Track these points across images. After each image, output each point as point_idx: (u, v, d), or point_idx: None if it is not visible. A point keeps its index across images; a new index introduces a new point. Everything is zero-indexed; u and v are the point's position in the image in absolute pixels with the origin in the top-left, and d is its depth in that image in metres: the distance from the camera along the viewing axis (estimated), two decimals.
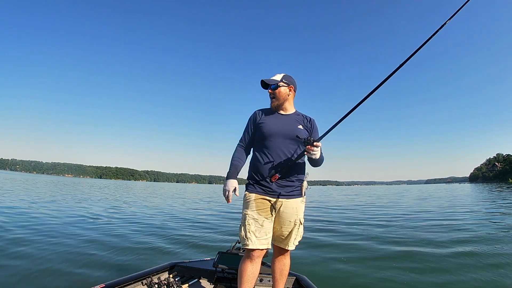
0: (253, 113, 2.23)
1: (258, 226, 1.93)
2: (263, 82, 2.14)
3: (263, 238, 1.94)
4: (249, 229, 1.92)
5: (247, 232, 1.92)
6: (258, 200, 1.98)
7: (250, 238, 1.91)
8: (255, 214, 1.95)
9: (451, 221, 8.29)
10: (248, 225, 1.93)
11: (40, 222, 6.87)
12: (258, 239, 1.92)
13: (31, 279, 3.30)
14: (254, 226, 1.92)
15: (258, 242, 1.92)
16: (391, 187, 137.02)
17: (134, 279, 2.35)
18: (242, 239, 1.95)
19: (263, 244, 1.94)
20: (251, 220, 1.94)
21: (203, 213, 10.82)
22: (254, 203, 1.97)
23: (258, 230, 1.93)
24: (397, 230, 6.97)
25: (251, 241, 1.91)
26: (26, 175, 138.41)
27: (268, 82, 2.13)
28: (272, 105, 2.18)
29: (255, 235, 1.91)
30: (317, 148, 1.92)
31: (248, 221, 1.93)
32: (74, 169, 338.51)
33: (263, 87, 2.17)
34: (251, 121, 2.20)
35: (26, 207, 9.59)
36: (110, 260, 4.16)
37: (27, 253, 4.26)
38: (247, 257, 1.96)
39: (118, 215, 9.13)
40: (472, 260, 4.30)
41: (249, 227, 1.92)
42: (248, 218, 1.94)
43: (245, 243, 1.92)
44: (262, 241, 1.93)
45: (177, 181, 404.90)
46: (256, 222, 1.94)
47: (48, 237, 5.39)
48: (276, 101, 2.15)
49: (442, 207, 13.02)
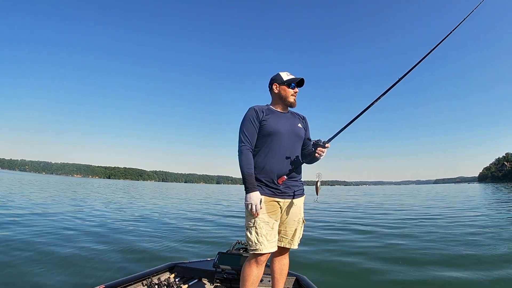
0: (252, 109, 2.04)
1: (269, 230, 1.87)
2: (302, 81, 2.10)
3: (273, 241, 1.90)
4: (261, 232, 1.84)
5: (259, 236, 1.84)
6: (268, 202, 1.91)
7: (262, 242, 1.83)
8: (266, 217, 1.88)
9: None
10: (259, 228, 1.85)
11: (37, 223, 6.88)
12: (270, 243, 1.86)
13: (31, 279, 3.30)
14: (266, 230, 1.86)
15: (270, 245, 1.86)
16: (401, 187, 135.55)
17: (134, 279, 2.35)
18: (253, 243, 1.85)
19: (273, 248, 1.89)
20: (262, 223, 1.86)
21: (203, 213, 10.82)
22: (264, 206, 1.89)
23: (270, 234, 1.87)
24: (407, 234, 6.87)
25: (264, 246, 1.83)
26: (36, 175, 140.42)
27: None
28: (293, 103, 2.10)
29: (267, 239, 1.85)
30: (326, 150, 1.91)
31: (260, 225, 1.85)
32: (83, 169, 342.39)
33: (298, 85, 2.11)
34: (253, 118, 2.00)
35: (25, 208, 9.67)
36: (110, 260, 4.15)
37: (29, 253, 4.28)
38: (254, 261, 1.89)
39: (117, 215, 9.15)
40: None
41: (260, 231, 1.85)
42: (259, 221, 1.86)
43: (257, 247, 1.83)
44: (272, 244, 1.89)
45: (185, 181, 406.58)
46: (267, 225, 1.87)
47: (49, 236, 5.43)
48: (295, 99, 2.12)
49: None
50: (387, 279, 3.61)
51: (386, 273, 3.79)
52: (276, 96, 2.14)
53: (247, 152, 1.94)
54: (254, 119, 2.00)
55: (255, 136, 1.99)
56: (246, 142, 1.96)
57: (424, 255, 4.62)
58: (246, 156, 1.93)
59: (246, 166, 1.91)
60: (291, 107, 2.14)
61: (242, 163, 1.92)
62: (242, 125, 2.02)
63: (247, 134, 1.98)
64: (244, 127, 2.00)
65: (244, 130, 1.99)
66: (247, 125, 1.99)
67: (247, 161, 1.92)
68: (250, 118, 2.00)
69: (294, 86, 2.09)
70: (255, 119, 2.00)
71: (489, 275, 3.61)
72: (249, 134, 1.98)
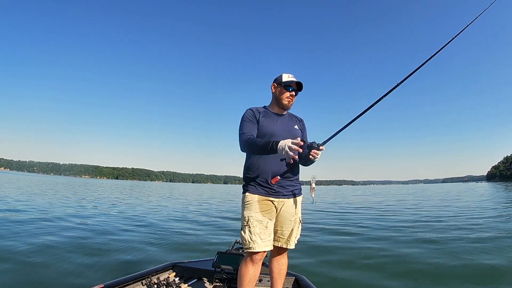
0: (250, 110, 2.08)
1: (262, 228, 1.89)
2: (300, 85, 2.10)
3: (267, 240, 1.90)
4: (254, 231, 1.87)
5: (252, 235, 1.86)
6: (262, 201, 1.93)
7: (255, 241, 1.85)
8: (260, 216, 1.90)
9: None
10: (253, 227, 1.87)
11: (37, 223, 6.90)
12: (263, 241, 1.88)
13: (30, 279, 3.31)
14: (259, 228, 1.88)
15: (263, 244, 1.88)
16: (409, 186, 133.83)
17: (134, 279, 2.35)
18: (246, 242, 1.88)
19: (267, 246, 1.90)
20: (255, 222, 1.88)
21: (203, 213, 10.83)
22: (258, 205, 1.92)
23: (263, 232, 1.89)
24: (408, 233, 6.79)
25: (257, 244, 1.85)
26: (44, 176, 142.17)
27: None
28: (289, 105, 2.11)
29: (260, 238, 1.87)
30: (320, 152, 1.90)
31: (253, 223, 1.88)
32: (91, 170, 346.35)
33: (298, 89, 2.11)
34: (251, 118, 2.04)
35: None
36: (109, 260, 4.15)
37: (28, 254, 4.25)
38: (250, 259, 1.91)
39: (117, 215, 9.18)
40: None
41: (254, 230, 1.87)
42: (253, 220, 1.89)
43: (250, 246, 1.86)
44: (266, 243, 1.90)
45: (193, 181, 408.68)
46: (261, 224, 1.89)
47: (46, 236, 5.43)
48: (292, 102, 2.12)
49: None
50: (388, 280, 3.56)
51: (387, 275, 3.74)
52: (273, 96, 2.16)
53: (248, 136, 1.94)
54: (252, 118, 2.03)
55: (255, 130, 2.01)
56: (246, 133, 1.97)
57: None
58: (249, 138, 1.91)
59: (252, 144, 1.88)
60: (284, 109, 2.14)
61: (249, 145, 1.90)
62: (241, 124, 2.04)
63: (247, 128, 2.00)
64: (243, 125, 2.03)
65: (243, 127, 2.02)
66: (245, 124, 2.02)
67: (252, 140, 1.88)
68: (248, 116, 2.04)
69: (292, 90, 2.08)
70: (253, 118, 2.03)
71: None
72: (249, 128, 2.00)
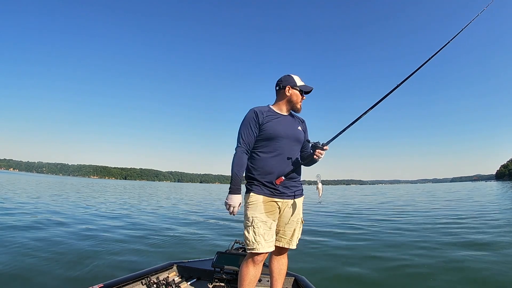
0: (252, 112, 2.01)
1: (266, 229, 1.88)
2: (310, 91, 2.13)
3: (270, 241, 1.90)
4: (259, 232, 1.85)
5: (256, 236, 1.85)
6: (267, 203, 1.92)
7: (259, 241, 1.84)
8: (264, 217, 1.89)
9: None
10: (257, 228, 1.86)
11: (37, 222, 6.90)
12: (267, 242, 1.87)
13: (30, 279, 3.32)
14: (263, 229, 1.87)
15: (267, 245, 1.87)
16: (419, 185, 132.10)
17: (133, 278, 2.35)
18: (250, 242, 1.86)
19: (270, 247, 1.89)
20: (260, 223, 1.87)
21: (203, 213, 10.81)
22: (262, 206, 1.90)
23: (267, 233, 1.88)
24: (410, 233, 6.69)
25: (261, 245, 1.84)
26: (53, 177, 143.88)
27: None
28: (300, 109, 2.12)
29: (264, 239, 1.86)
30: (324, 152, 1.91)
31: (257, 224, 1.86)
32: (100, 170, 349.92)
33: (306, 93, 2.13)
34: (253, 121, 1.98)
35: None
36: (108, 259, 4.14)
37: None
38: (251, 260, 1.90)
39: (117, 215, 9.21)
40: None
41: (258, 230, 1.85)
42: (257, 221, 1.87)
43: (254, 247, 1.84)
44: (269, 244, 1.89)
45: (201, 181, 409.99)
46: (265, 225, 1.88)
47: (45, 235, 5.46)
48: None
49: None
50: (388, 280, 3.52)
51: (387, 275, 3.69)
52: (284, 98, 2.08)
53: (242, 154, 1.95)
54: (254, 122, 1.98)
55: (253, 139, 1.99)
56: (242, 144, 1.96)
57: None
58: (240, 158, 1.94)
59: (236, 167, 1.93)
60: (296, 112, 2.14)
61: (234, 164, 1.93)
62: (241, 126, 2.01)
63: (245, 136, 1.97)
64: (243, 129, 1.99)
65: (242, 132, 1.99)
66: (246, 127, 1.99)
67: (239, 163, 1.93)
68: (250, 120, 1.99)
69: (303, 94, 2.10)
70: (255, 121, 1.98)
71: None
72: (247, 137, 1.97)
